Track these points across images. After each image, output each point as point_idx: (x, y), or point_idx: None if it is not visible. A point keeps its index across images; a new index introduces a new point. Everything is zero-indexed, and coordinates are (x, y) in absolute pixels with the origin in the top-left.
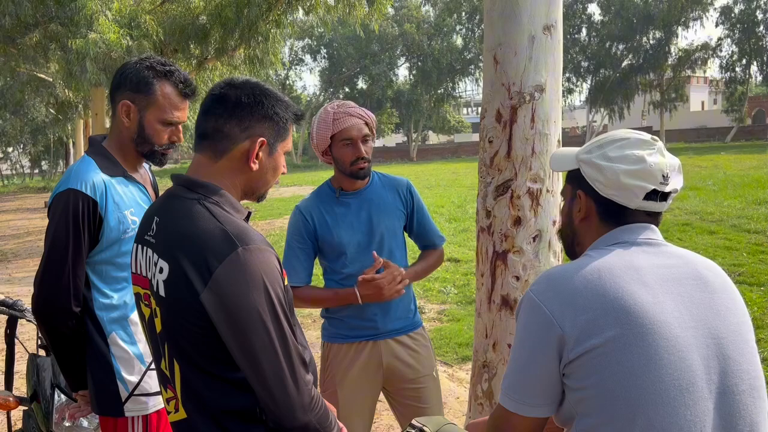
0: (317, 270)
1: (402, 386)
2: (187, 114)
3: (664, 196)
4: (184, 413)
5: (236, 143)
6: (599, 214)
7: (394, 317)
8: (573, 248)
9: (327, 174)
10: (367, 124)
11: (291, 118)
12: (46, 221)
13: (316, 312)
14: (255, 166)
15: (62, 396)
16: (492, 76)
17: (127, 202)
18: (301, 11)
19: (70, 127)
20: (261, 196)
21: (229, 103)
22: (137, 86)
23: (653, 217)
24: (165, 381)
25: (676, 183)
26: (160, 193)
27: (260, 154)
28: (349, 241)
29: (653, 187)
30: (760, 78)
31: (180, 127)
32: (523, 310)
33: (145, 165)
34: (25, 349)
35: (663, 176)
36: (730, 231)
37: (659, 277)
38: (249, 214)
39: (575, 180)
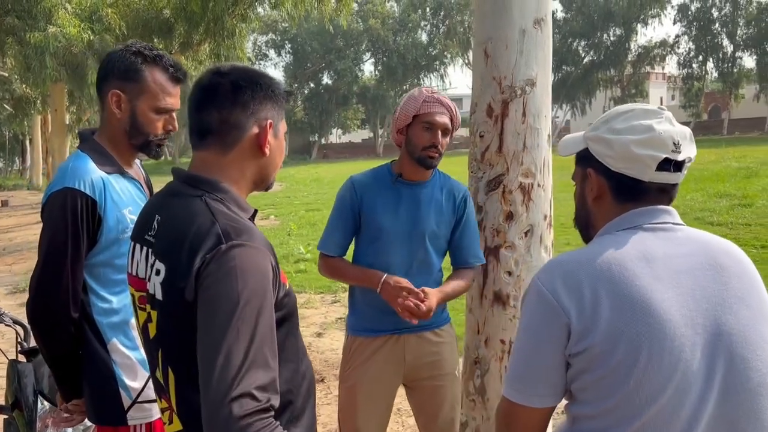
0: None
1: (420, 383)
2: (179, 100)
3: (678, 166)
4: (180, 425)
5: (245, 131)
6: (612, 191)
7: None
8: (588, 232)
9: (320, 167)
10: (451, 119)
11: (285, 95)
12: (3, 220)
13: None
14: (268, 152)
15: (45, 403)
16: (482, 70)
17: (125, 200)
18: (267, 6)
19: (27, 124)
20: (270, 184)
21: (227, 91)
22: (126, 74)
23: (667, 193)
24: (160, 390)
25: (689, 151)
26: (154, 189)
27: (269, 137)
28: (388, 229)
29: (665, 156)
30: (715, 74)
31: (174, 114)
32: (529, 298)
33: (137, 161)
34: (5, 355)
35: (674, 144)
36: (694, 223)
37: (671, 269)
38: (255, 212)
39: (584, 160)
